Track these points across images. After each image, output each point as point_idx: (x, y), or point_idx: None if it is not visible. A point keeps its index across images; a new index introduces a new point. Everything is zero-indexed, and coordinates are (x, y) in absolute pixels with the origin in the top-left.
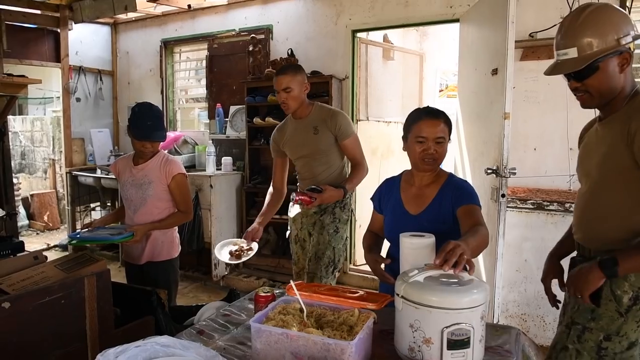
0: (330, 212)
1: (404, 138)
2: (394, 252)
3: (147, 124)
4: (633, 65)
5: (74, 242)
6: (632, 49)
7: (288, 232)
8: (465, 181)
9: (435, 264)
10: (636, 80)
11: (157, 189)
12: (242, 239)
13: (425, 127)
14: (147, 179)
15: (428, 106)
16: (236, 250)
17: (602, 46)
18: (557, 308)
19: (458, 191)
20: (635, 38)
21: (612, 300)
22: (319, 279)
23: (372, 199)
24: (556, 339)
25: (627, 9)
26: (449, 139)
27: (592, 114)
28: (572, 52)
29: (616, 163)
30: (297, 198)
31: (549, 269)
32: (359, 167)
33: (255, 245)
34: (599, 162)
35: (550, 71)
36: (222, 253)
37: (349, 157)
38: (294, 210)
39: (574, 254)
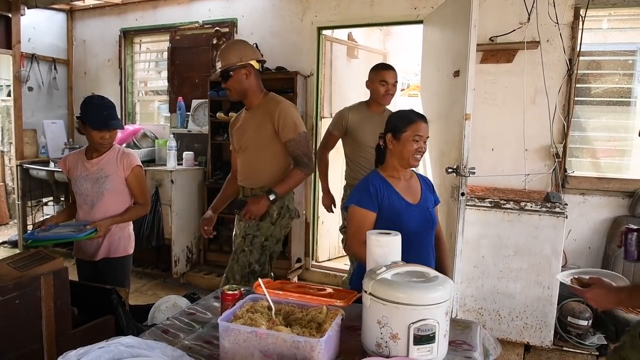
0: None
1: (395, 136)
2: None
3: (103, 114)
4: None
5: (30, 242)
6: (254, 67)
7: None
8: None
9: None
10: None
11: (114, 182)
12: None
13: (422, 127)
14: (104, 173)
15: (412, 110)
16: None
17: (231, 62)
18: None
19: (431, 185)
20: (253, 59)
21: (267, 216)
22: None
23: (360, 201)
24: (236, 247)
25: (581, 18)
26: None
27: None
28: (219, 65)
29: (264, 134)
30: None
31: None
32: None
33: None
34: (252, 135)
35: (211, 76)
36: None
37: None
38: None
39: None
